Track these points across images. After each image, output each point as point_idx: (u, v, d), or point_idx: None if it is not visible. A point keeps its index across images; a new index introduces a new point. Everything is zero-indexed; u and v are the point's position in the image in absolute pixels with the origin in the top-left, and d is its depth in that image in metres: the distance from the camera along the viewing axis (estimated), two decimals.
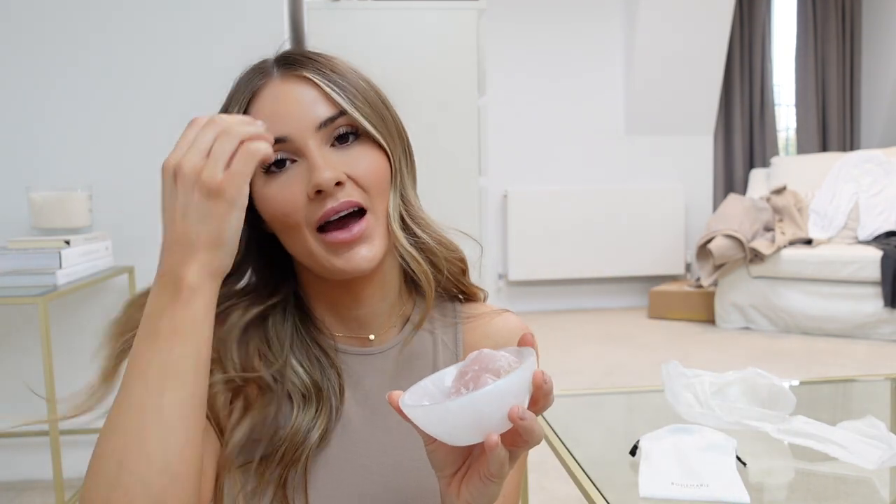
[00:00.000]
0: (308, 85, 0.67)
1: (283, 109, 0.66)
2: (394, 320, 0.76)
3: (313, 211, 0.66)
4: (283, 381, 0.70)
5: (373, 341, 0.75)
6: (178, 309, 0.57)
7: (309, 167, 0.65)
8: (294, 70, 0.68)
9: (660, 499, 0.98)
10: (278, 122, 0.66)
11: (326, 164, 0.65)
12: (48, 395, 1.73)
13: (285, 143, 0.66)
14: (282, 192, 0.66)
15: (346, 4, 2.56)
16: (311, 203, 0.65)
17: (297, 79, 0.68)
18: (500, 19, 4.71)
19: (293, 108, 0.66)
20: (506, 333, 0.79)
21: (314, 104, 0.67)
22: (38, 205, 2.09)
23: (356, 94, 0.68)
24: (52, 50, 2.25)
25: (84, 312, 2.31)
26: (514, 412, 0.51)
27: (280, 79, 0.68)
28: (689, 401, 1.26)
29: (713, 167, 5.13)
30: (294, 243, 0.68)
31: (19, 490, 2.23)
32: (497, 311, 0.80)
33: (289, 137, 0.66)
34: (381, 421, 0.73)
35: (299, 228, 0.66)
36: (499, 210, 4.84)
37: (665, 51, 4.74)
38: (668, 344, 3.94)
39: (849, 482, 1.06)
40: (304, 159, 0.66)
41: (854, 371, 3.33)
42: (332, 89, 0.67)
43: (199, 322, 0.58)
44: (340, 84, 0.68)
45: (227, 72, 0.73)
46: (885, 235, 4.19)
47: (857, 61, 5.20)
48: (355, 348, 0.75)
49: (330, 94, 0.67)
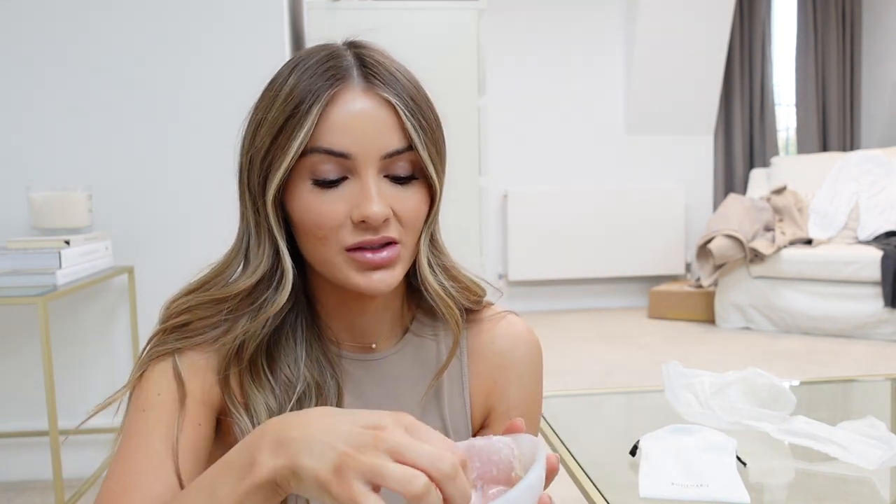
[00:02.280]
0: (386, 107, 0.64)
1: (356, 126, 0.63)
2: (395, 330, 0.76)
3: (350, 236, 0.64)
4: (292, 384, 0.69)
5: (375, 349, 0.75)
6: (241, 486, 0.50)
7: (361, 192, 0.63)
8: (376, 86, 0.65)
9: (660, 499, 0.98)
10: (347, 136, 0.63)
11: (379, 197, 0.63)
12: (48, 395, 1.73)
13: (347, 159, 0.63)
14: (326, 206, 0.64)
15: (346, 4, 2.56)
16: (352, 228, 0.64)
17: (377, 97, 0.64)
18: (500, 19, 4.70)
19: (366, 128, 0.63)
20: (511, 337, 0.78)
21: (388, 131, 0.64)
22: (38, 205, 2.09)
23: (427, 130, 0.66)
24: (53, 50, 2.25)
25: (84, 312, 2.31)
26: (544, 499, 0.50)
27: (361, 91, 0.64)
28: (689, 401, 1.26)
29: (713, 167, 5.13)
30: (315, 251, 0.67)
31: (19, 490, 2.23)
32: (500, 314, 0.79)
33: (352, 156, 0.63)
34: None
35: (327, 243, 0.65)
36: (499, 210, 4.84)
37: (665, 51, 4.74)
38: (668, 344, 3.94)
39: (849, 482, 1.06)
40: (356, 179, 0.64)
41: (854, 371, 3.33)
42: (409, 121, 0.65)
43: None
44: (417, 116, 0.65)
45: (228, 71, 0.73)
46: (885, 235, 4.18)
47: (857, 61, 5.20)
48: (358, 354, 0.74)
49: (406, 125, 0.64)
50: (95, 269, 2.12)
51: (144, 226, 2.31)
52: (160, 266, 2.30)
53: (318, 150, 0.63)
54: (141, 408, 0.65)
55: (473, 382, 0.77)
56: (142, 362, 0.68)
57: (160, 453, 0.62)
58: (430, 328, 0.77)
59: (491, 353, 0.77)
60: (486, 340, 0.78)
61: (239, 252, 0.71)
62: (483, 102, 2.65)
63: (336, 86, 0.64)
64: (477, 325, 0.78)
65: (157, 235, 2.31)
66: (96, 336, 2.32)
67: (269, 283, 0.68)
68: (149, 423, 0.64)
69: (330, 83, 0.64)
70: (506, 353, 0.77)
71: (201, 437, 0.66)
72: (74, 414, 2.29)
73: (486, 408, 0.78)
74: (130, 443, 0.63)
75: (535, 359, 0.79)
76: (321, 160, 0.63)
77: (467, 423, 0.77)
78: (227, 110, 2.29)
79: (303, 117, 0.63)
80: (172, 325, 0.68)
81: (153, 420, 0.64)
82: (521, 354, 0.78)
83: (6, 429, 2.29)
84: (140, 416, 0.64)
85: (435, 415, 0.75)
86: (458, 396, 0.76)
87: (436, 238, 0.73)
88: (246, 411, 0.67)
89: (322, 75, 0.64)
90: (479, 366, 0.77)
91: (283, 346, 0.70)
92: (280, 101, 0.64)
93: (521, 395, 0.78)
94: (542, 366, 0.80)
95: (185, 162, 2.30)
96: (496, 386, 0.77)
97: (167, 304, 0.70)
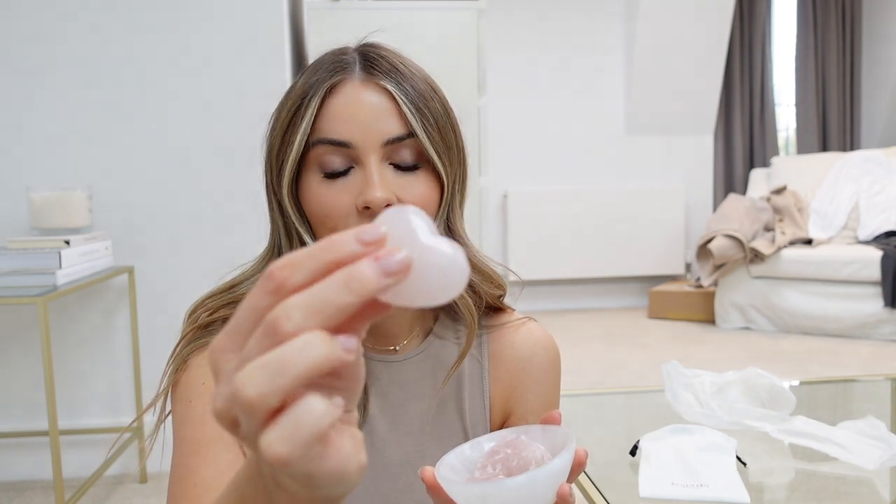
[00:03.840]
0: (385, 96, 0.66)
1: (354, 114, 0.65)
2: (416, 331, 0.77)
3: (356, 224, 0.65)
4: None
5: (398, 351, 0.76)
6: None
7: (364, 180, 0.65)
8: (375, 76, 0.66)
9: (660, 499, 0.98)
10: (347, 124, 0.65)
11: (382, 183, 0.64)
12: (48, 395, 1.73)
13: (348, 148, 0.65)
14: (332, 196, 0.66)
15: (346, 4, 2.56)
16: (358, 215, 0.65)
17: (376, 87, 0.66)
18: (500, 19, 4.71)
19: (365, 116, 0.65)
20: (531, 343, 0.79)
21: (386, 118, 0.66)
22: (38, 205, 2.09)
23: (429, 118, 0.67)
24: (52, 50, 2.25)
25: (84, 312, 2.32)
26: (564, 489, 0.51)
27: (360, 81, 0.67)
28: (689, 401, 1.26)
29: (713, 167, 5.13)
30: None
31: (19, 490, 2.23)
32: (521, 319, 0.80)
33: (353, 144, 0.65)
34: (404, 427, 0.74)
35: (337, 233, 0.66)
36: (499, 210, 4.84)
37: (665, 51, 4.74)
38: (668, 344, 3.94)
39: (849, 482, 1.06)
40: (361, 168, 0.66)
41: (854, 371, 3.33)
42: (408, 107, 0.66)
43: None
44: (417, 104, 0.67)
45: (228, 71, 0.73)
46: (885, 235, 4.19)
47: (857, 61, 5.20)
48: (381, 355, 0.75)
49: (405, 111, 0.66)
50: (95, 269, 2.12)
51: (144, 226, 2.31)
52: (160, 266, 2.30)
53: (322, 140, 0.66)
54: (187, 399, 0.66)
55: (493, 386, 0.78)
56: (177, 358, 0.69)
57: (216, 429, 0.63)
58: (452, 330, 0.78)
59: (511, 358, 0.79)
60: (506, 345, 0.79)
61: (272, 252, 0.72)
62: (483, 102, 2.65)
63: (336, 77, 0.66)
64: (498, 330, 0.79)
65: (157, 235, 2.31)
66: (96, 336, 2.32)
67: None
68: (197, 409, 0.65)
69: (330, 75, 0.66)
70: (525, 358, 0.79)
71: None
72: (74, 414, 2.29)
73: (505, 411, 0.79)
74: (184, 430, 0.65)
75: (554, 364, 0.80)
76: (326, 151, 0.66)
77: (486, 426, 0.78)
78: (227, 110, 2.29)
79: (304, 109, 0.65)
80: (207, 321, 0.69)
81: (201, 406, 0.65)
82: (540, 360, 0.79)
83: (6, 429, 2.29)
84: (187, 406, 0.66)
85: (455, 416, 0.76)
86: (478, 399, 0.78)
87: (454, 229, 0.73)
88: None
89: (325, 71, 0.67)
90: (499, 370, 0.79)
91: None
92: (289, 100, 0.68)
93: (539, 399, 0.79)
94: (560, 372, 0.82)
95: (185, 162, 2.30)
96: (515, 390, 0.79)
97: (195, 305, 0.71)
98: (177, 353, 0.69)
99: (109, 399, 2.31)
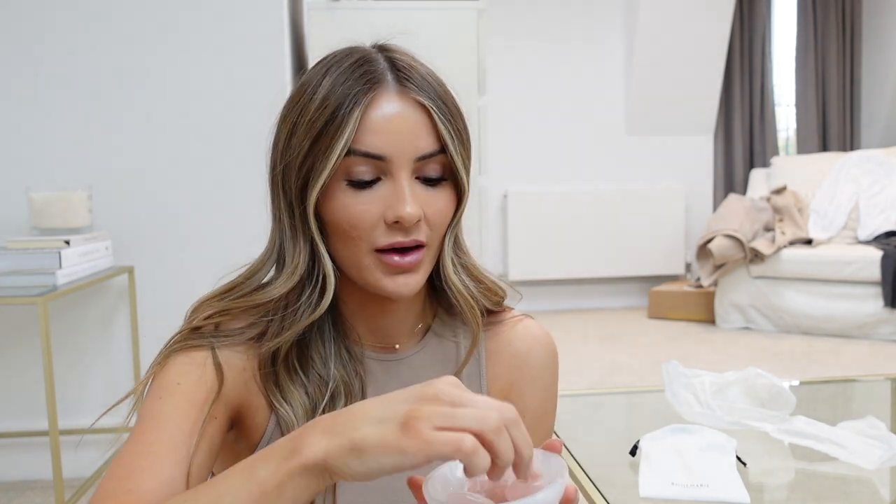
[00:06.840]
0: (421, 111, 0.66)
1: (391, 128, 0.65)
2: (417, 329, 0.77)
3: (382, 237, 0.66)
4: (324, 382, 0.70)
5: (398, 349, 0.76)
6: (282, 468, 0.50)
7: (395, 193, 0.65)
8: (410, 90, 0.66)
9: (660, 499, 0.98)
10: (382, 138, 0.65)
11: (413, 199, 0.65)
12: (48, 395, 1.73)
13: (382, 161, 0.65)
14: (360, 206, 0.65)
15: (346, 4, 2.56)
16: (385, 229, 0.66)
17: (412, 101, 0.66)
18: (500, 19, 4.71)
19: (402, 130, 0.65)
20: (528, 340, 0.79)
21: (422, 134, 0.66)
22: (38, 205, 2.09)
23: (458, 133, 0.68)
24: (52, 50, 2.25)
25: (84, 312, 2.32)
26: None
27: (396, 93, 0.66)
28: (689, 401, 1.26)
29: (713, 167, 5.13)
30: (346, 252, 0.68)
31: (19, 490, 2.23)
32: (518, 317, 0.81)
33: (387, 158, 0.65)
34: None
35: (360, 243, 0.66)
36: (499, 210, 4.84)
37: (665, 51, 4.74)
38: (668, 344, 3.94)
39: (849, 482, 1.06)
40: (390, 180, 0.66)
41: (854, 371, 3.33)
42: (443, 123, 0.66)
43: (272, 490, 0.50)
44: (449, 119, 0.67)
45: (228, 71, 0.73)
46: (885, 235, 4.18)
47: (857, 61, 5.20)
48: (381, 354, 0.75)
49: (440, 128, 0.66)
50: (95, 270, 2.12)
51: (144, 226, 2.31)
52: (160, 266, 2.30)
53: (356, 152, 0.64)
54: (158, 395, 0.65)
55: (491, 383, 0.79)
56: (164, 353, 0.68)
57: (173, 438, 0.62)
58: (449, 328, 0.78)
59: (508, 356, 0.79)
60: (503, 342, 0.79)
61: (271, 255, 0.71)
62: (483, 102, 2.65)
63: (373, 90, 0.65)
64: (495, 328, 0.79)
65: (157, 235, 2.31)
66: (96, 336, 2.32)
67: (307, 286, 0.69)
68: (164, 409, 0.64)
69: (368, 87, 0.65)
70: (522, 354, 0.79)
71: (216, 431, 0.66)
72: (74, 414, 2.29)
73: None
74: (144, 426, 0.63)
75: (551, 361, 0.81)
76: (357, 162, 0.65)
77: None
78: (227, 110, 2.29)
79: (343, 121, 0.64)
80: (200, 324, 0.69)
81: (169, 406, 0.64)
82: (538, 357, 0.79)
83: (6, 429, 2.29)
84: (157, 402, 0.65)
85: None
86: None
87: (459, 239, 0.74)
88: (282, 408, 0.69)
89: (358, 80, 0.65)
90: (497, 367, 0.79)
91: (313, 345, 0.71)
92: (316, 105, 0.65)
93: (537, 396, 0.80)
94: (558, 369, 0.82)
95: (185, 162, 2.30)
96: (513, 387, 0.79)
97: (195, 306, 0.71)
98: (164, 351, 0.69)
99: (109, 399, 2.30)
